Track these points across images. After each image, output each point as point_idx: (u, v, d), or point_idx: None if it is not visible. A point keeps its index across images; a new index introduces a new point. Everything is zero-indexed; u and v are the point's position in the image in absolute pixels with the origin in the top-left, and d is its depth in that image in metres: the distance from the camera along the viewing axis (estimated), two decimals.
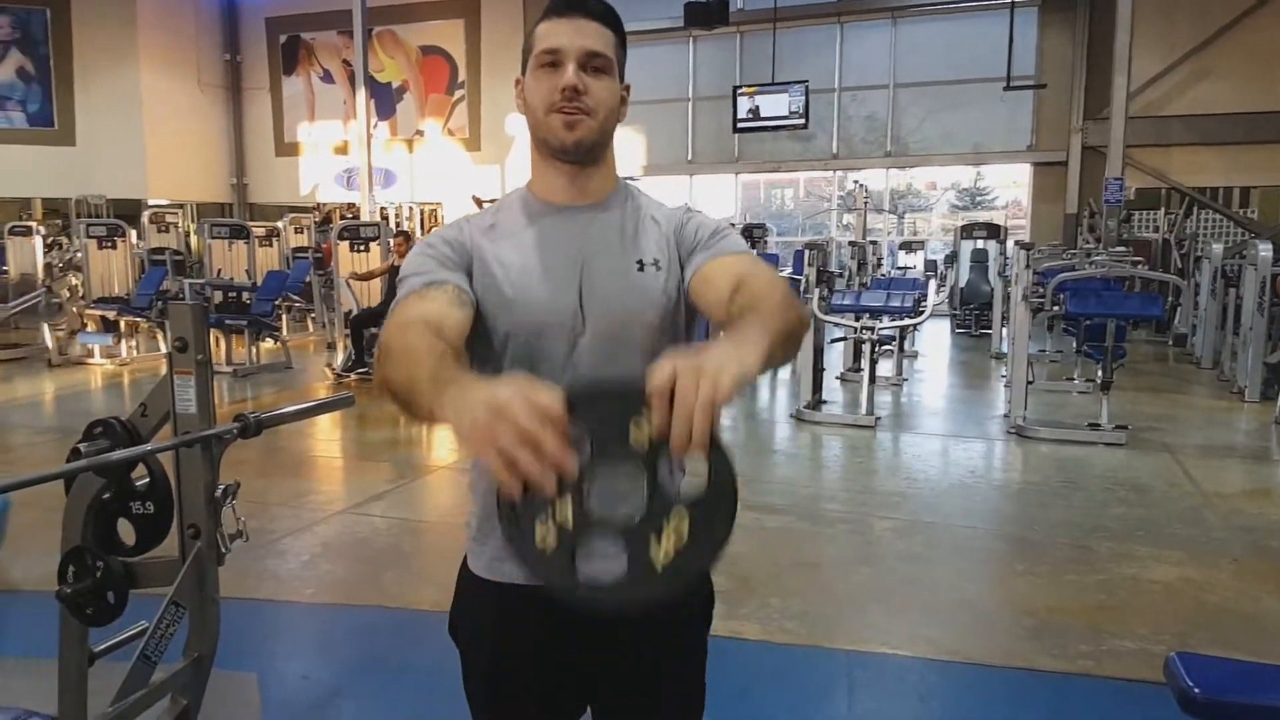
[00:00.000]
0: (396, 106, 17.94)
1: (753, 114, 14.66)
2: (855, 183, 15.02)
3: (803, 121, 14.40)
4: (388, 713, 2.70)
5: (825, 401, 7.00)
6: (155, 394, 1.84)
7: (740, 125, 14.85)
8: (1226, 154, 13.43)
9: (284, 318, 10.76)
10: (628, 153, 15.59)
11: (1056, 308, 6.65)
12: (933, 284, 8.33)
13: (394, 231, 9.64)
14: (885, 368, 8.06)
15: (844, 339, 8.34)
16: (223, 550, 1.88)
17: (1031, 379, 6.47)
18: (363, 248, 9.03)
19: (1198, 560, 3.81)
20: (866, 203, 14.26)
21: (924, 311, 7.26)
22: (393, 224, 14.38)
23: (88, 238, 10.37)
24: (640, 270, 1.19)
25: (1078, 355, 7.48)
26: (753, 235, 11.83)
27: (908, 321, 7.37)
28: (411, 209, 16.65)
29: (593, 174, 1.21)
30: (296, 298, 11.24)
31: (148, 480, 1.84)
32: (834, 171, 16.40)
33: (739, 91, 14.77)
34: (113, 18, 16.80)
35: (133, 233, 11.19)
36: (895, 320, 7.27)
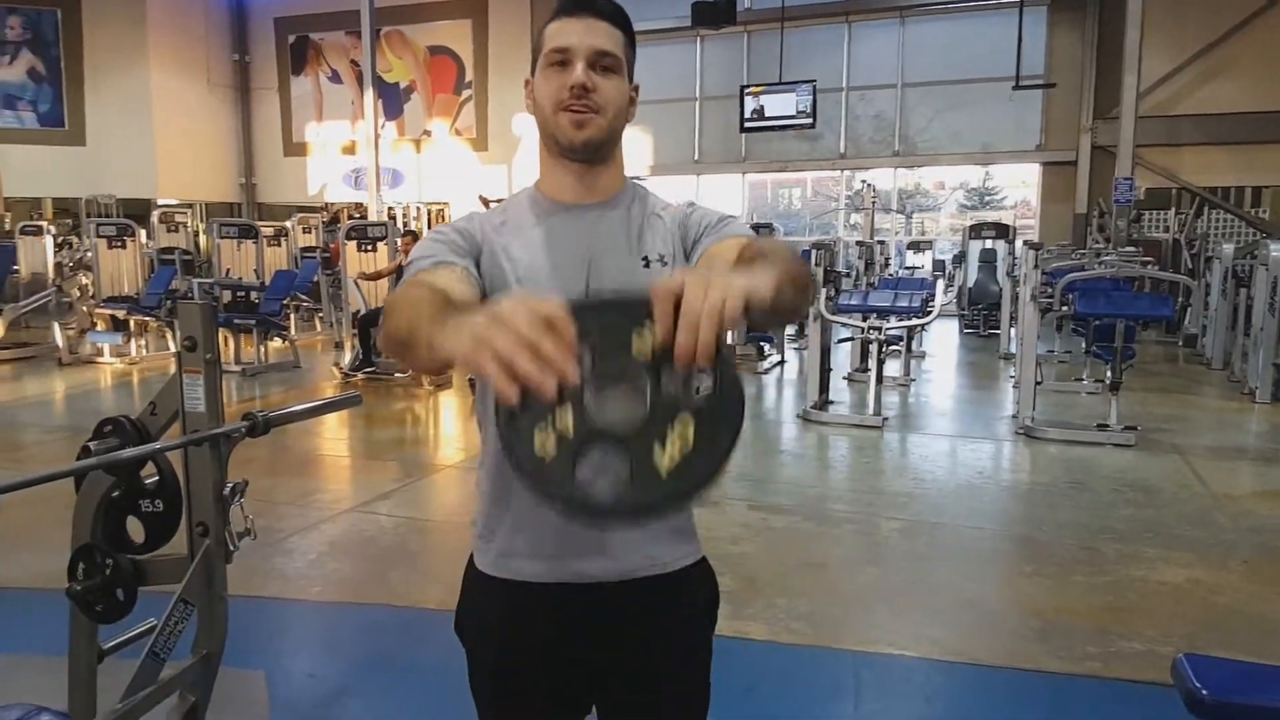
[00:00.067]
0: (404, 106, 17.98)
1: (760, 114, 14.64)
2: (863, 182, 15.01)
3: (810, 121, 14.38)
4: (395, 711, 2.70)
5: (832, 402, 6.99)
6: (164, 393, 1.85)
7: (747, 125, 14.83)
8: (1237, 153, 13.38)
9: (292, 317, 10.80)
10: (635, 152, 15.59)
11: (1065, 308, 6.63)
12: (940, 284, 8.32)
13: (401, 231, 9.67)
14: (893, 368, 8.05)
15: (851, 339, 8.33)
16: (231, 548, 1.88)
17: (1040, 379, 6.45)
18: (370, 247, 9.05)
19: (1207, 562, 3.80)
20: (874, 202, 14.24)
21: (931, 311, 7.25)
22: (400, 224, 14.42)
23: (98, 237, 10.44)
24: (646, 267, 1.19)
25: (1086, 356, 7.45)
26: (759, 235, 11.80)
27: (915, 322, 7.36)
28: (419, 209, 16.69)
29: (601, 173, 1.21)
30: (304, 297, 11.29)
31: (157, 478, 1.85)
32: (841, 171, 16.39)
33: (746, 91, 14.74)
34: (123, 18, 16.88)
35: (142, 232, 11.26)
36: (903, 320, 7.26)
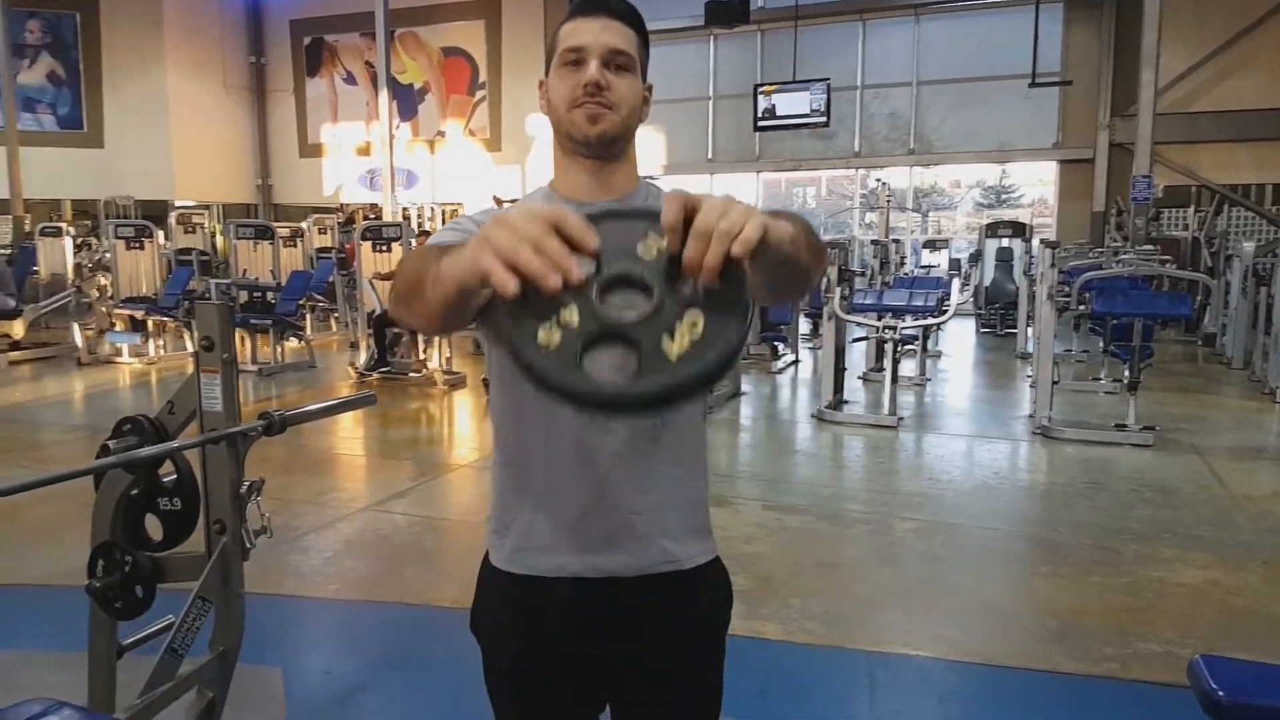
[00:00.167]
0: (418, 107, 18.04)
1: (773, 112, 14.60)
2: (878, 181, 14.94)
3: (824, 120, 14.33)
4: (410, 708, 2.72)
5: (847, 402, 6.97)
6: (182, 392, 1.86)
7: (761, 124, 14.79)
8: (1258, 150, 13.23)
9: (308, 317, 10.86)
10: (648, 152, 15.59)
11: (1082, 307, 6.58)
12: (956, 283, 8.27)
13: (416, 232, 9.70)
14: (908, 367, 8.01)
15: (866, 338, 8.30)
16: (247, 546, 1.90)
17: (1057, 379, 6.41)
18: (385, 248, 9.08)
19: (1226, 563, 3.76)
20: (889, 201, 14.17)
21: (947, 311, 7.21)
22: (415, 224, 14.47)
23: (116, 238, 10.51)
24: None
25: (1104, 355, 7.39)
26: None
27: (931, 321, 7.32)
28: (433, 209, 16.74)
29: (615, 170, 1.21)
30: (320, 297, 11.34)
31: (175, 477, 1.87)
32: (856, 170, 16.33)
33: (760, 90, 14.71)
34: (140, 21, 17.04)
35: (160, 233, 11.32)
36: (918, 320, 7.23)
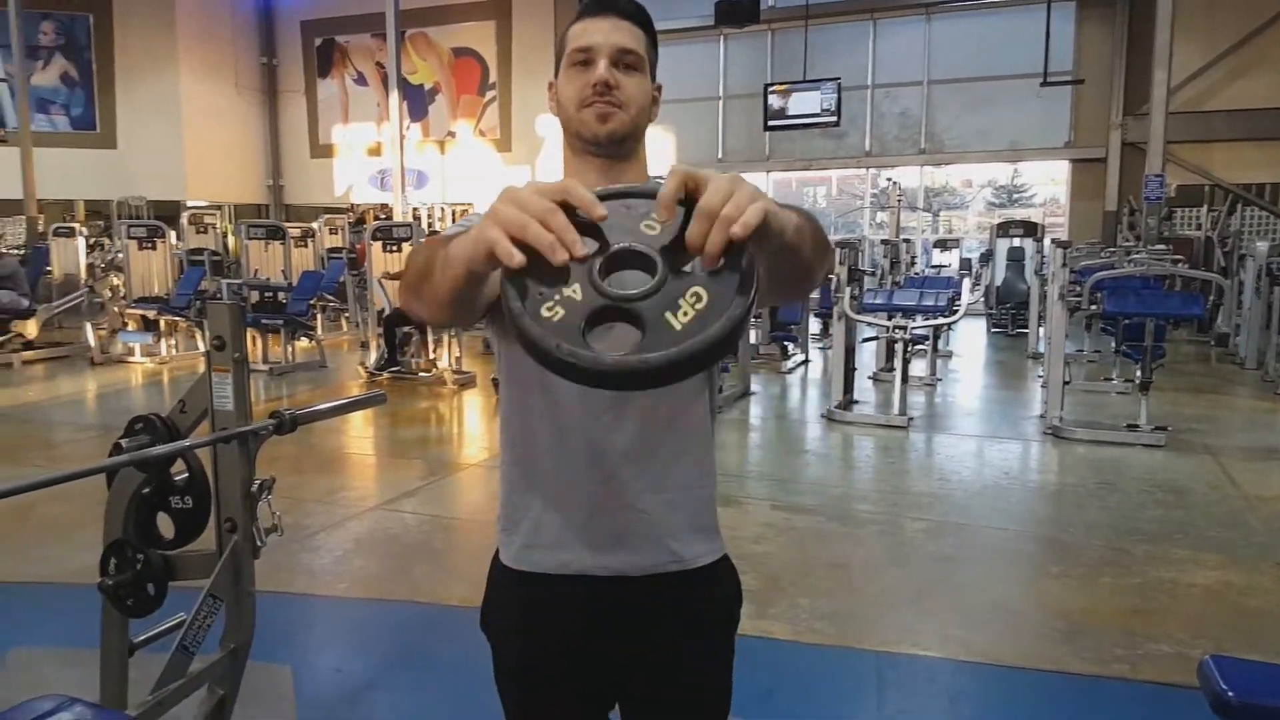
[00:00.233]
0: (429, 108, 18.09)
1: (784, 112, 14.57)
2: (888, 180, 14.91)
3: (835, 119, 14.28)
4: (419, 706, 2.73)
5: (857, 402, 6.96)
6: (194, 391, 1.87)
7: (771, 123, 14.76)
8: (1271, 149, 13.15)
9: (319, 317, 10.89)
10: (659, 152, 15.51)
11: (1094, 307, 6.55)
12: (966, 282, 8.25)
13: (426, 232, 9.72)
14: (919, 367, 7.98)
15: (876, 338, 8.27)
16: (258, 544, 1.91)
17: (1068, 379, 6.37)
18: (395, 248, 9.10)
19: (1238, 564, 3.74)
20: (900, 201, 14.14)
21: (957, 310, 7.18)
22: (425, 225, 14.51)
23: (129, 238, 10.57)
24: None
25: (1116, 355, 7.35)
26: None
27: (941, 321, 7.30)
28: (443, 209, 16.78)
29: (625, 170, 1.21)
30: (331, 297, 11.37)
31: (186, 475, 1.88)
32: (867, 169, 16.30)
33: (770, 89, 14.69)
34: (152, 23, 17.14)
35: (172, 234, 11.37)
36: (928, 319, 7.20)
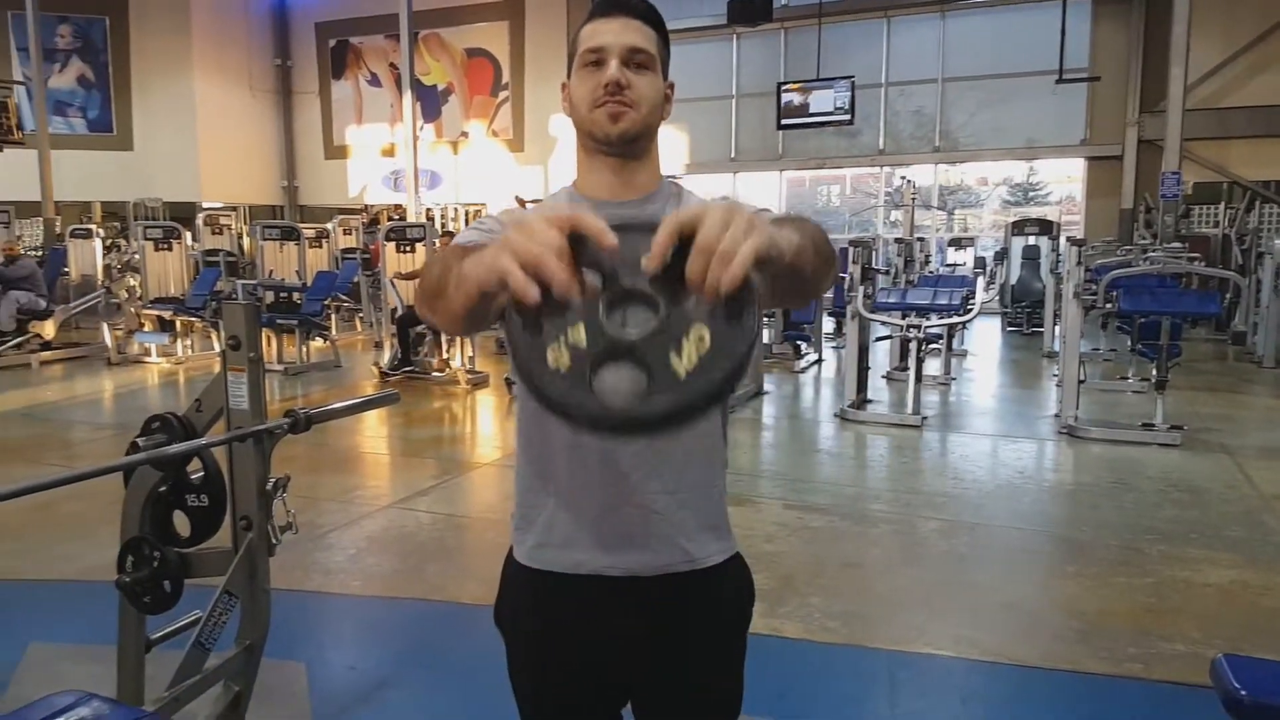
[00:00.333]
0: (442, 109, 18.15)
1: (797, 110, 14.52)
2: (903, 179, 14.84)
3: (848, 117, 14.22)
4: (433, 702, 2.74)
5: (870, 401, 6.94)
6: (210, 391, 1.89)
7: (785, 122, 14.72)
8: None
9: (333, 317, 10.96)
10: (671, 150, 15.58)
11: (1109, 305, 6.50)
12: (980, 281, 8.21)
13: (440, 232, 9.75)
14: (933, 366, 7.95)
15: (889, 337, 8.25)
16: (273, 542, 1.93)
17: (1083, 378, 6.33)
18: (409, 248, 9.15)
19: (1255, 564, 3.71)
20: (914, 199, 14.08)
21: (972, 309, 7.15)
22: (438, 225, 14.55)
23: (145, 240, 10.66)
24: None
25: (1132, 354, 7.29)
26: None
27: (955, 320, 7.27)
28: (456, 210, 16.83)
29: (637, 169, 1.22)
30: (345, 298, 11.43)
31: (202, 474, 1.90)
32: (881, 168, 16.23)
33: (783, 88, 14.65)
34: (168, 26, 17.28)
35: (188, 235, 11.46)
36: (942, 318, 7.17)
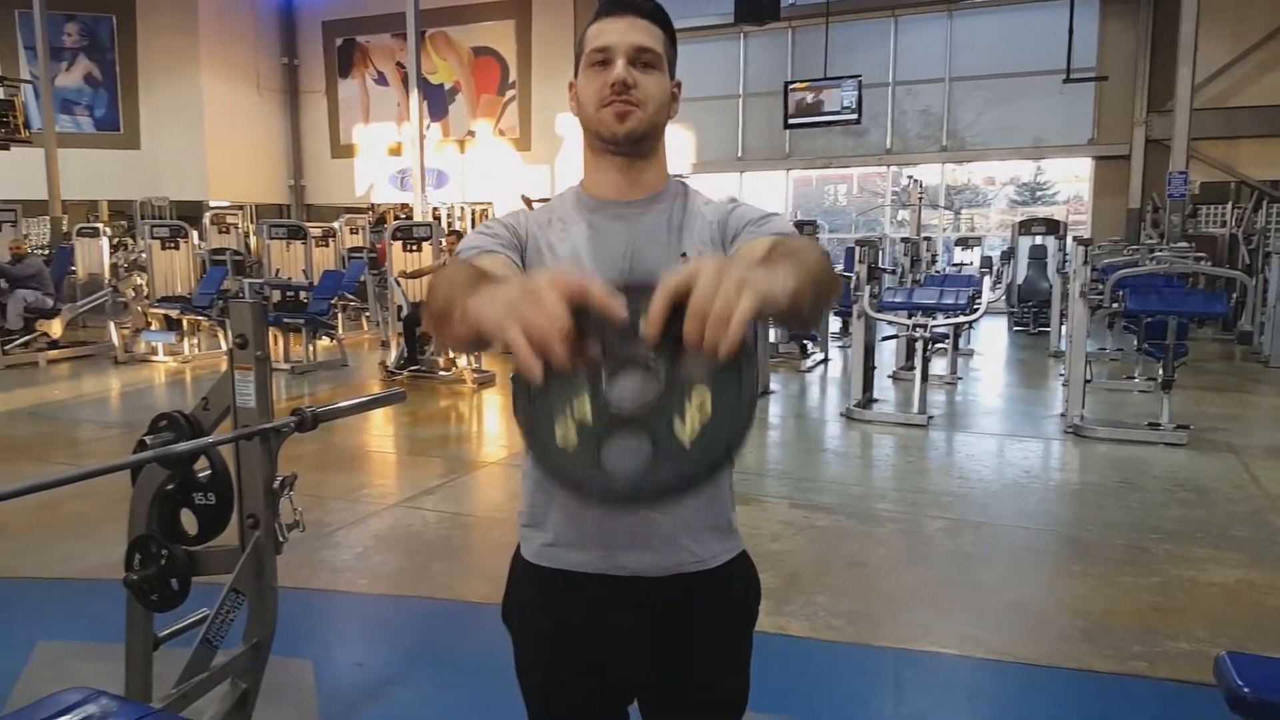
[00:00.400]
0: (448, 107, 18.17)
1: (804, 109, 14.50)
2: (909, 178, 14.81)
3: (855, 116, 14.19)
4: (440, 700, 2.75)
5: (876, 400, 6.93)
6: (217, 389, 1.90)
7: (792, 121, 14.70)
8: None
9: (339, 316, 10.98)
10: (678, 150, 15.58)
11: (1116, 305, 6.49)
12: (987, 280, 8.20)
13: (446, 231, 9.77)
14: (939, 366, 7.94)
15: (896, 337, 8.24)
16: (280, 540, 1.94)
17: (1090, 378, 6.33)
18: (415, 248, 9.16)
19: (1261, 563, 3.70)
20: (921, 198, 14.05)
21: (978, 309, 7.14)
22: (445, 224, 14.58)
23: (152, 238, 10.69)
24: (685, 260, 1.20)
25: (1138, 353, 7.28)
26: (803, 232, 11.70)
27: (961, 319, 7.26)
28: (463, 209, 16.86)
29: (644, 168, 1.22)
30: (352, 297, 11.47)
31: (209, 472, 1.91)
32: (888, 167, 16.20)
33: (790, 87, 14.63)
34: (175, 25, 17.34)
35: (194, 233, 11.50)
36: (949, 318, 7.17)
